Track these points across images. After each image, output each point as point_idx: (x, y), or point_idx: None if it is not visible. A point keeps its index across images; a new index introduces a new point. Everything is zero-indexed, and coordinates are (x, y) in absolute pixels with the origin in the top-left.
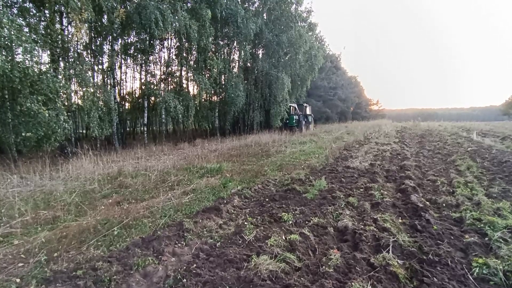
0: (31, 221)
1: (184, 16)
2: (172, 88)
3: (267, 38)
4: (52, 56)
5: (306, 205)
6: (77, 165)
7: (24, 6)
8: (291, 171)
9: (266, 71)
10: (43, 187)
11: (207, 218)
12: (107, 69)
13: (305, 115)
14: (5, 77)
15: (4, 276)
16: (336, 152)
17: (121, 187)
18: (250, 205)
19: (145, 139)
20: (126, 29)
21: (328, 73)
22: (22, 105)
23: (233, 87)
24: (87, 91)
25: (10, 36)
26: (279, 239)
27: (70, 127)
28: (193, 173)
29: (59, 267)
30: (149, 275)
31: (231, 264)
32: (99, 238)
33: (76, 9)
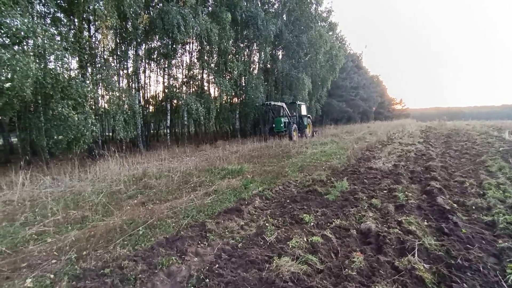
0: (62, 221)
1: (205, 20)
2: (193, 91)
3: (287, 39)
4: (80, 62)
5: (327, 207)
6: (104, 167)
7: (57, 16)
8: (312, 172)
9: (286, 72)
10: (72, 188)
11: (229, 219)
12: (131, 74)
13: (299, 117)
14: (39, 84)
15: (39, 272)
16: (358, 153)
17: (145, 188)
18: (271, 206)
19: (168, 141)
20: (150, 34)
21: (350, 72)
22: (53, 110)
23: (253, 89)
24: (113, 95)
25: (43, 45)
26: (300, 240)
27: (97, 130)
28: (214, 175)
29: (88, 265)
30: (173, 275)
31: (253, 265)
32: (125, 237)
33: (102, 16)
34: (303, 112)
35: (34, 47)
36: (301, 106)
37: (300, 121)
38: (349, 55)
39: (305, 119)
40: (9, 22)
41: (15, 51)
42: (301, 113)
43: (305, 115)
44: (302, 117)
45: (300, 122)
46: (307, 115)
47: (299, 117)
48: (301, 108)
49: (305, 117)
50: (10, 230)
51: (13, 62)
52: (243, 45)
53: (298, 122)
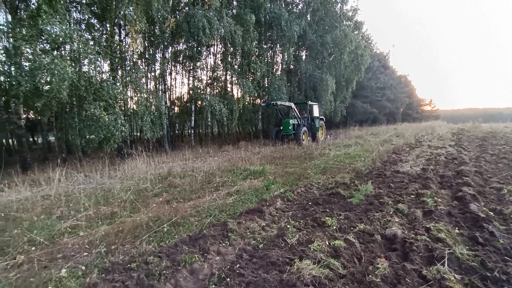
0: (93, 216)
1: (229, 23)
2: (217, 92)
3: (311, 39)
4: (111, 65)
5: (351, 210)
6: (132, 165)
7: (90, 22)
8: (335, 175)
9: (310, 72)
10: (103, 185)
11: (250, 219)
12: (158, 76)
13: (310, 119)
14: (74, 86)
15: (72, 263)
16: (384, 156)
17: (170, 186)
18: (293, 208)
19: (192, 141)
20: (176, 38)
21: (376, 72)
22: (86, 111)
23: (276, 90)
24: (141, 97)
25: (78, 50)
26: (322, 244)
27: (126, 130)
28: (237, 175)
29: (116, 259)
30: (195, 272)
31: (274, 266)
32: (151, 234)
33: (132, 21)
34: (315, 113)
35: (70, 51)
36: (313, 106)
37: (312, 123)
38: (375, 55)
39: (317, 121)
40: (49, 29)
41: (54, 56)
42: (313, 115)
43: (317, 116)
44: (314, 118)
45: (312, 125)
46: (319, 116)
47: (311, 119)
48: (313, 108)
49: (317, 118)
50: (47, 222)
51: (52, 66)
52: (267, 46)
53: (310, 124)
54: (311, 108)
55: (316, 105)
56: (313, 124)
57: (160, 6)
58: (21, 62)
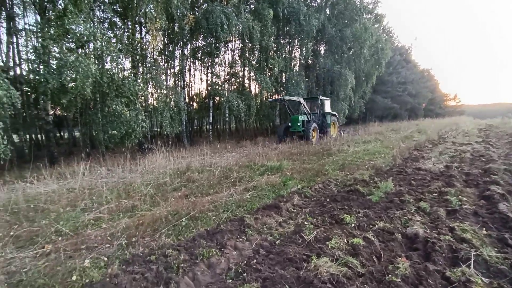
0: (115, 209)
1: (247, 18)
2: (235, 88)
3: (330, 33)
4: (132, 62)
5: (370, 208)
6: (152, 160)
7: (113, 20)
8: (354, 171)
9: (328, 67)
10: (124, 179)
11: (267, 215)
12: (177, 72)
13: (322, 114)
14: (97, 83)
15: (95, 254)
16: (405, 152)
17: (189, 181)
18: (310, 204)
19: (210, 136)
20: (195, 34)
21: (397, 67)
22: (109, 107)
23: (294, 85)
24: (161, 93)
25: (101, 47)
26: (340, 241)
27: (146, 126)
28: (254, 171)
29: (136, 251)
30: (212, 266)
31: (291, 263)
32: (170, 227)
33: (152, 18)
34: (327, 109)
35: (93, 49)
36: (324, 101)
37: (323, 119)
38: (397, 48)
39: (329, 117)
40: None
41: (78, 54)
42: (324, 110)
43: (329, 112)
44: (325, 114)
45: (323, 121)
46: (331, 112)
47: (322, 115)
48: (324, 104)
49: (329, 114)
50: (72, 214)
51: (77, 64)
52: (285, 41)
53: (321, 120)
54: (322, 103)
55: (327, 100)
56: (324, 120)
57: (179, 3)
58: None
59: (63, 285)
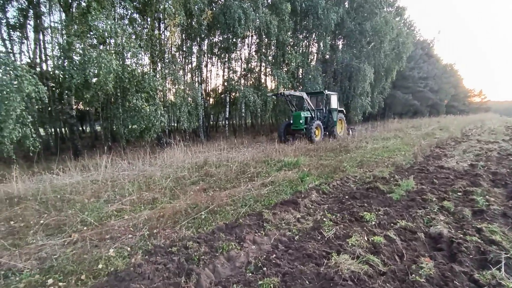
0: (136, 201)
1: (264, 13)
2: (251, 83)
3: (349, 27)
4: (152, 58)
5: (390, 206)
6: (170, 154)
7: (133, 17)
8: (373, 169)
9: (347, 62)
10: (144, 172)
11: (285, 210)
12: (195, 68)
13: (327, 111)
14: (118, 78)
15: (119, 244)
16: (427, 150)
17: (206, 175)
18: (329, 201)
19: (226, 132)
20: (212, 30)
21: (418, 61)
22: (129, 102)
23: (310, 81)
24: (179, 89)
25: (122, 44)
26: (360, 239)
27: (165, 121)
28: (270, 166)
29: (158, 242)
30: (232, 259)
31: (310, 259)
32: (189, 220)
33: (171, 14)
34: (333, 104)
35: (115, 45)
36: (331, 97)
37: (329, 116)
38: (418, 42)
39: (335, 113)
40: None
41: (101, 50)
42: (330, 106)
43: (335, 108)
44: (332, 111)
45: (329, 118)
46: (338, 108)
47: (328, 112)
48: (331, 99)
49: (335, 111)
50: (96, 205)
51: (99, 60)
52: (302, 36)
53: (326, 117)
54: (328, 99)
55: (334, 95)
56: (330, 118)
57: None
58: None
59: (90, 273)
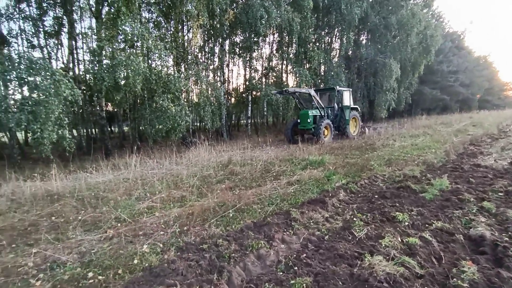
0: (166, 198)
1: (286, 10)
2: (273, 82)
3: (373, 21)
4: (176, 59)
5: (424, 206)
6: (195, 153)
7: (158, 20)
8: (403, 167)
9: (371, 58)
10: (171, 170)
11: (313, 210)
12: (217, 68)
13: (339, 109)
14: (146, 80)
15: (152, 240)
16: (460, 147)
17: (231, 174)
18: (357, 200)
19: (249, 131)
20: (234, 30)
21: (448, 54)
22: (156, 103)
23: (333, 77)
24: (202, 89)
25: (149, 46)
26: (394, 240)
27: (190, 120)
28: (295, 165)
29: (189, 239)
30: (262, 258)
31: (342, 259)
32: (218, 218)
33: (194, 16)
34: (346, 101)
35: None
36: (343, 93)
37: (342, 114)
38: (448, 34)
39: (348, 111)
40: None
41: (129, 53)
42: (342, 103)
43: (348, 106)
44: (344, 109)
45: (341, 116)
46: (351, 105)
47: (340, 109)
48: (343, 96)
49: (348, 109)
50: (128, 203)
51: (128, 62)
52: (324, 32)
53: (338, 116)
54: (341, 96)
55: (347, 91)
56: (343, 116)
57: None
58: (103, 60)
59: (126, 267)
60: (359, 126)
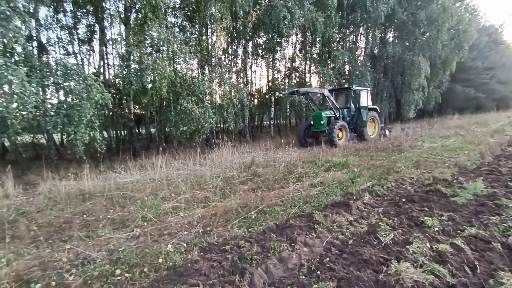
0: (190, 199)
1: (310, 9)
2: (295, 83)
3: (400, 18)
4: (200, 62)
5: (456, 211)
6: (218, 154)
7: (183, 24)
8: (432, 170)
9: (398, 55)
10: (195, 171)
11: (336, 212)
12: (240, 70)
13: (356, 109)
14: (171, 83)
15: (176, 240)
16: (496, 149)
17: (254, 175)
18: (383, 204)
19: (272, 132)
20: (257, 31)
21: (483, 50)
22: (181, 105)
23: (358, 77)
24: (226, 91)
25: (175, 50)
26: (423, 246)
27: (213, 122)
28: (318, 166)
29: (211, 240)
30: (284, 260)
31: (367, 264)
32: (240, 219)
33: (218, 19)
34: (364, 102)
35: (167, 52)
36: (361, 93)
37: (359, 115)
38: (483, 29)
39: (365, 112)
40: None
41: (156, 57)
42: (360, 104)
43: (366, 106)
44: (361, 109)
45: (358, 117)
46: (369, 106)
47: (357, 110)
48: (361, 96)
49: (365, 109)
50: (154, 202)
51: (155, 66)
52: (349, 31)
53: (356, 117)
54: (358, 96)
55: (365, 90)
56: (360, 117)
57: (243, 2)
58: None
59: (151, 266)
60: (379, 128)
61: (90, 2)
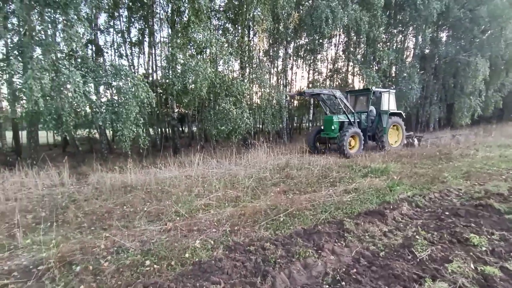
0: (221, 197)
1: (354, 9)
2: (337, 84)
3: (456, 15)
4: (241, 64)
5: (509, 230)
6: (254, 155)
7: (226, 27)
8: (485, 182)
9: (452, 56)
10: (230, 171)
11: (370, 222)
12: (280, 71)
13: (377, 114)
14: (211, 84)
15: (204, 236)
16: None
17: (287, 177)
18: (423, 216)
19: None
20: (298, 32)
21: None
22: (219, 105)
23: (405, 79)
24: (264, 92)
25: (215, 52)
26: (465, 266)
27: (250, 123)
28: (355, 172)
29: (237, 239)
30: (308, 267)
31: (397, 280)
32: (268, 221)
33: (259, 21)
34: (385, 106)
35: (209, 54)
36: (382, 95)
37: (379, 121)
38: None
39: (385, 117)
40: (195, 36)
41: (198, 59)
42: (381, 108)
43: (387, 110)
44: (382, 114)
45: (378, 123)
46: (390, 110)
47: (377, 115)
48: (382, 99)
49: (386, 114)
50: (188, 198)
51: (197, 68)
52: (396, 30)
53: (375, 122)
54: (378, 98)
55: (387, 93)
56: (380, 123)
57: (285, 3)
58: (176, 66)
59: (178, 260)
60: (403, 136)
61: (142, 7)
